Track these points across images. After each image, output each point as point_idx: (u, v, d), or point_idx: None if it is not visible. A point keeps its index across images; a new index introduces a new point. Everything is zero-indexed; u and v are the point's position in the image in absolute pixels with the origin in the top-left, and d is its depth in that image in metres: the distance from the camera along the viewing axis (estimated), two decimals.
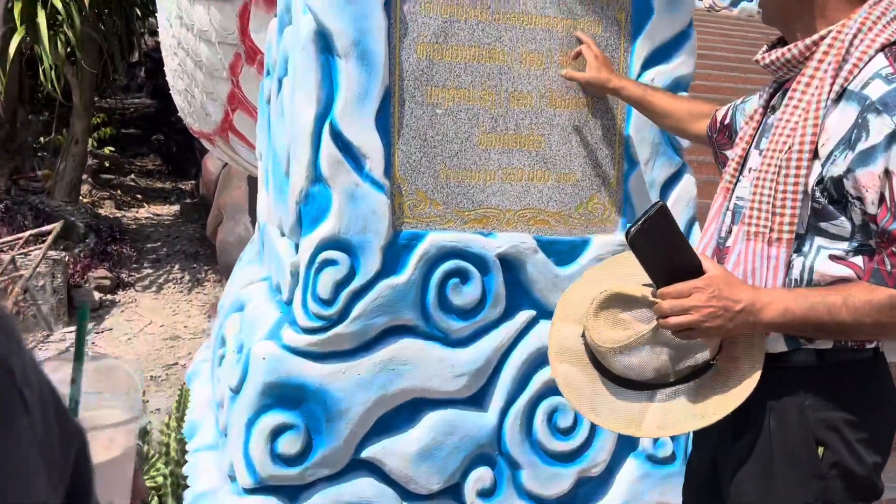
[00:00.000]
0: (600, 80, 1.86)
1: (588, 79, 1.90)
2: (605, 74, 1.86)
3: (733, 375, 1.29)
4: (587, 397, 1.39)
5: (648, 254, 1.23)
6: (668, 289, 1.20)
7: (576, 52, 1.97)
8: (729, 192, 1.39)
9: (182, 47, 2.91)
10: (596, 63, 1.88)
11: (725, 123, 1.55)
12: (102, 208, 7.13)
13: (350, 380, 1.89)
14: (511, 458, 2.04)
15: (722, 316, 1.17)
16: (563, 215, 2.05)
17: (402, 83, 1.88)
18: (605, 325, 1.35)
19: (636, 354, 1.32)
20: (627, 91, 1.81)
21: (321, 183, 1.85)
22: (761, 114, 1.38)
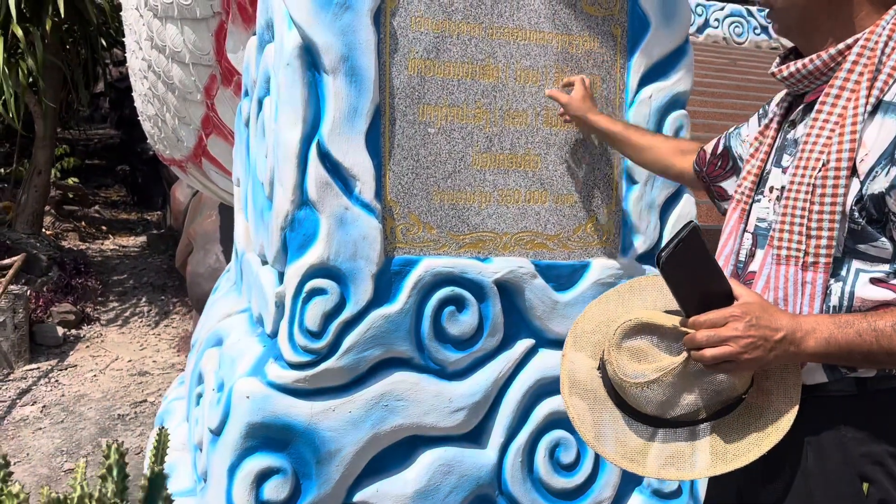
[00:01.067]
0: (581, 108, 1.80)
1: (569, 102, 1.82)
2: (587, 105, 1.81)
3: (767, 411, 1.19)
4: (610, 438, 1.28)
5: (680, 279, 1.13)
6: (701, 318, 1.10)
7: (568, 80, 1.91)
8: (745, 213, 1.31)
9: (153, 70, 2.78)
10: (583, 93, 1.83)
11: (718, 153, 1.48)
12: (66, 240, 6.89)
13: (341, 418, 1.76)
14: (512, 497, 1.91)
15: (761, 346, 1.07)
16: (561, 238, 1.96)
17: (392, 101, 1.78)
18: (629, 358, 1.23)
19: (663, 390, 1.21)
20: (604, 124, 1.75)
21: (308, 207, 1.74)
22: (776, 129, 1.30)
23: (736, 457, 1.17)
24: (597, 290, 1.96)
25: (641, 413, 1.26)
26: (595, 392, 1.31)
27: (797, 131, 1.24)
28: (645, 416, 1.26)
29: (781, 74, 1.24)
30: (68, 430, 3.92)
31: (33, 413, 4.10)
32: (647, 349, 1.23)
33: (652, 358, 1.22)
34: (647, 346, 1.23)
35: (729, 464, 1.16)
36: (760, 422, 1.18)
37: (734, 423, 1.19)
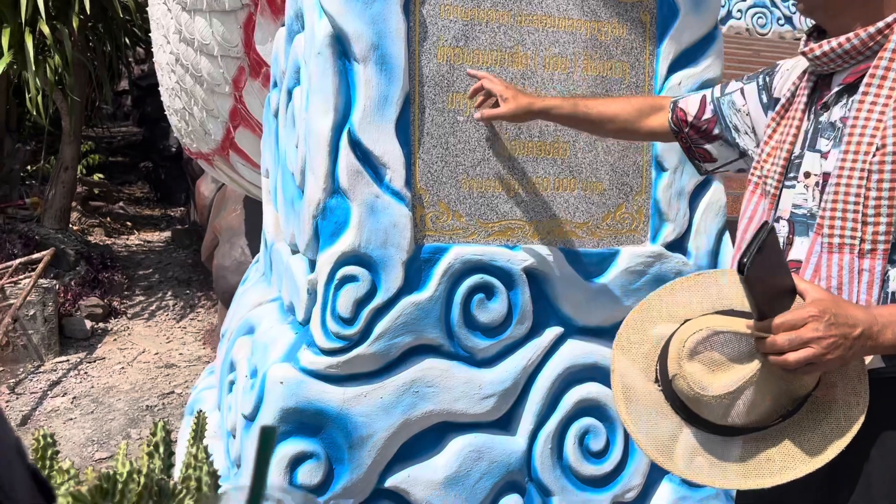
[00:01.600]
0: (522, 107, 1.61)
1: (511, 110, 1.62)
2: (524, 99, 1.62)
3: (835, 406, 1.14)
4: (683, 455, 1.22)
5: (758, 283, 1.07)
6: (779, 320, 1.04)
7: (474, 89, 1.74)
8: (775, 199, 1.28)
9: (181, 64, 2.81)
10: (509, 92, 1.63)
11: (704, 118, 1.43)
12: (92, 235, 6.98)
13: (373, 404, 1.77)
14: (542, 484, 1.92)
15: (842, 345, 1.03)
16: (590, 226, 1.96)
17: (422, 89, 1.79)
18: (704, 370, 1.16)
19: (742, 399, 1.15)
20: (557, 109, 1.59)
21: (339, 195, 1.75)
22: (803, 111, 1.27)
23: (814, 456, 1.13)
24: (626, 278, 1.96)
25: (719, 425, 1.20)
26: (657, 406, 1.24)
27: (833, 114, 1.21)
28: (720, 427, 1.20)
29: (814, 53, 1.20)
30: (98, 420, 3.98)
31: (64, 404, 4.17)
32: (718, 358, 1.17)
33: (726, 367, 1.14)
34: (719, 355, 1.16)
35: (808, 464, 1.13)
36: (831, 417, 1.13)
37: (804, 422, 1.15)
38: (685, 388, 1.16)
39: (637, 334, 1.28)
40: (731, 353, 1.14)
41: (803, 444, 1.13)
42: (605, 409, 1.97)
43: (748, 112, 1.39)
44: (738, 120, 1.40)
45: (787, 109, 1.27)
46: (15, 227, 5.77)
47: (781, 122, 1.28)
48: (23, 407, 4.11)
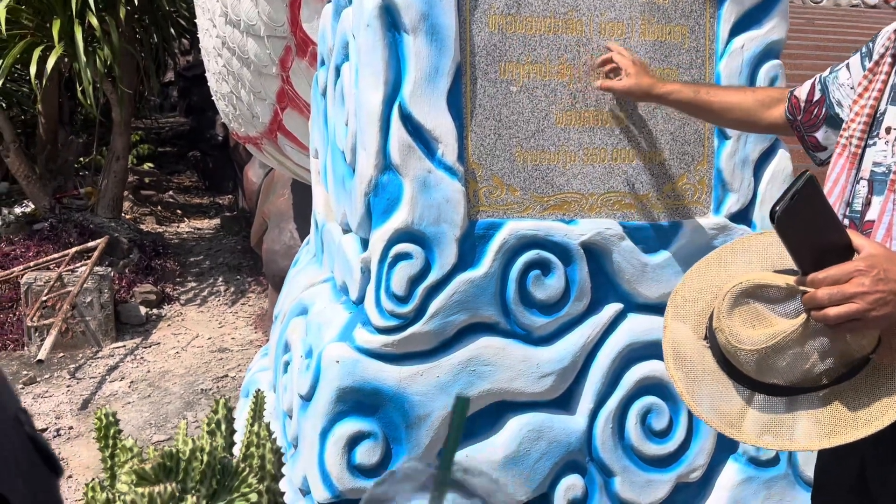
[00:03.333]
0: (642, 87, 1.62)
1: (629, 87, 1.64)
2: (647, 80, 1.62)
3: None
4: (727, 413, 1.21)
5: (796, 234, 1.04)
6: (821, 274, 1.02)
7: (602, 59, 1.75)
8: (857, 159, 1.22)
9: (227, 47, 2.80)
10: (634, 69, 1.64)
11: (814, 100, 1.38)
12: (144, 224, 7.12)
13: (429, 382, 1.74)
14: (603, 464, 1.87)
15: (892, 302, 0.99)
16: (649, 198, 1.89)
17: (473, 59, 1.74)
18: (743, 324, 1.15)
19: (782, 356, 1.12)
20: (677, 94, 1.58)
21: (391, 171, 1.72)
22: (890, 65, 1.20)
23: (868, 422, 1.09)
24: (688, 252, 1.88)
25: (759, 382, 1.18)
26: (703, 362, 1.24)
27: None
28: (761, 385, 1.18)
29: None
30: (155, 404, 4.05)
31: (122, 388, 4.26)
32: (761, 313, 1.14)
33: (767, 322, 1.14)
34: (761, 309, 1.14)
35: (860, 430, 1.09)
36: (893, 383, 1.10)
37: (861, 387, 1.11)
38: (723, 341, 1.16)
39: (691, 292, 1.28)
40: (776, 309, 1.12)
41: (857, 408, 1.10)
42: (668, 388, 1.90)
43: (852, 85, 1.31)
44: (841, 94, 1.33)
45: (877, 66, 1.20)
46: (70, 217, 5.91)
47: (872, 80, 1.21)
48: (83, 391, 4.21)
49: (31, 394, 4.21)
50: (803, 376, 1.13)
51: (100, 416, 1.09)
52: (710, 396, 1.21)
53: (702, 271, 1.29)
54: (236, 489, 0.91)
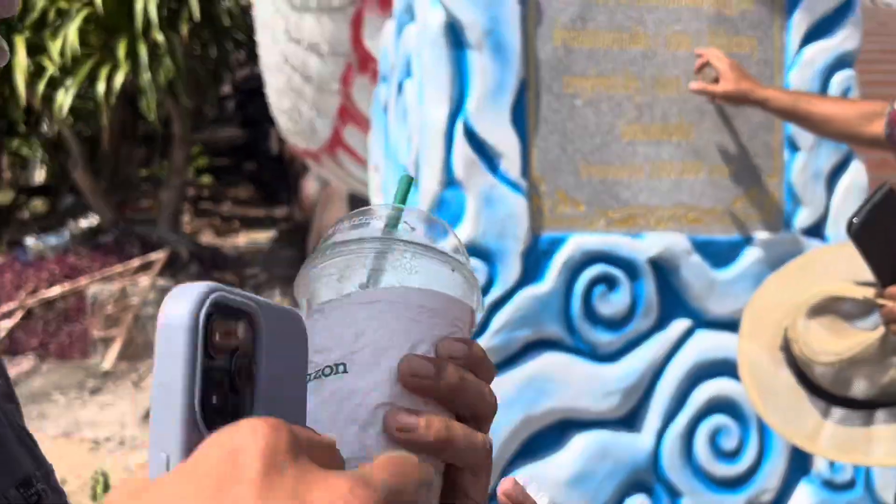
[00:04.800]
0: (741, 91, 1.58)
1: (726, 91, 1.60)
2: (745, 85, 1.59)
3: None
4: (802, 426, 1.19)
5: (874, 247, 1.03)
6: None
7: (700, 63, 1.71)
8: None
9: (289, 63, 2.86)
10: (732, 74, 1.60)
11: None
12: (203, 236, 7.29)
13: None
14: (670, 484, 1.83)
15: None
16: (718, 212, 1.85)
17: (537, 74, 1.73)
18: (819, 336, 1.14)
19: (859, 369, 1.11)
20: (775, 101, 1.55)
21: (455, 187, 1.72)
22: None
23: None
24: (758, 268, 1.83)
25: (835, 395, 1.16)
26: (778, 374, 1.23)
27: None
28: (838, 398, 1.16)
29: None
30: None
31: None
32: (838, 325, 1.13)
33: (844, 334, 1.13)
34: (838, 322, 1.13)
35: None
36: None
37: None
38: (798, 352, 1.15)
39: (769, 301, 1.27)
40: (853, 321, 1.11)
41: None
42: (738, 407, 1.85)
43: None
44: None
45: None
46: (132, 230, 6.09)
47: None
48: (146, 402, 4.32)
49: (97, 403, 4.34)
50: (882, 391, 1.11)
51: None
52: (785, 408, 1.20)
53: (780, 282, 1.27)
54: None
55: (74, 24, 5.24)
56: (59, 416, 4.14)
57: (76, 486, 3.42)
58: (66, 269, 5.45)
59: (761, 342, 1.24)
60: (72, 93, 5.41)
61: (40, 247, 5.88)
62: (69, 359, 4.94)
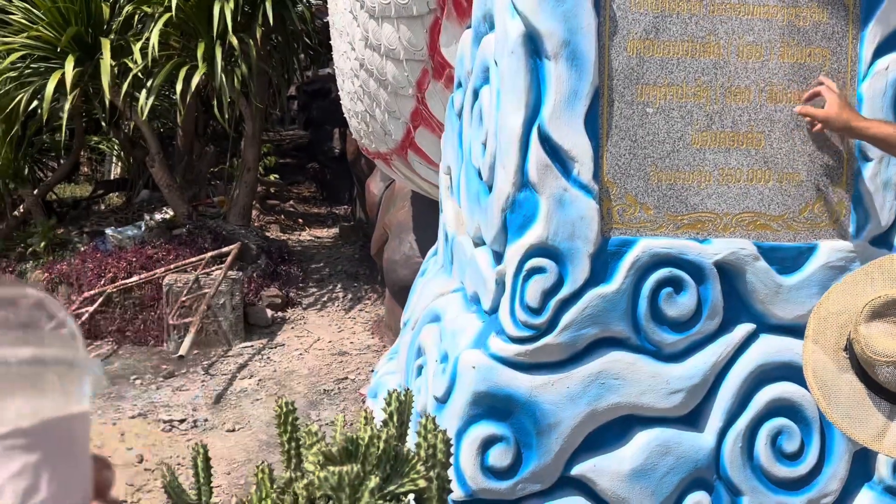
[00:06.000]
0: (841, 119, 1.75)
1: (828, 116, 1.77)
2: (847, 113, 1.75)
3: None
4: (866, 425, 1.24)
5: None
6: None
7: (812, 93, 1.85)
8: None
9: (365, 69, 2.98)
10: (838, 102, 1.76)
11: None
12: (269, 231, 7.53)
13: (559, 392, 1.81)
14: (731, 483, 1.88)
15: None
16: (786, 219, 1.89)
17: (611, 82, 1.81)
18: (881, 335, 1.20)
19: None
20: (875, 129, 1.70)
21: (528, 189, 1.81)
22: None
23: None
24: (825, 275, 1.87)
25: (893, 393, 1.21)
26: (842, 374, 1.28)
27: None
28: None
29: None
30: None
31: (251, 385, 4.55)
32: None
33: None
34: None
35: None
36: None
37: None
38: (859, 351, 1.21)
39: (836, 305, 1.32)
40: None
41: None
42: (801, 410, 1.89)
43: None
44: None
45: None
46: (205, 224, 6.34)
47: None
48: (216, 386, 4.53)
49: (171, 387, 4.56)
50: None
51: (280, 404, 1.23)
52: (849, 408, 1.25)
53: (846, 287, 1.32)
54: (406, 475, 1.01)
55: (156, 28, 5.49)
56: (136, 398, 4.37)
57: (153, 463, 3.63)
58: (143, 259, 5.71)
59: (826, 344, 1.30)
60: (152, 93, 5.67)
61: (119, 237, 6.18)
62: (144, 344, 5.19)
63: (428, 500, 1.02)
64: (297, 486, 1.04)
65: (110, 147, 9.31)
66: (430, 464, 1.03)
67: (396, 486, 1.02)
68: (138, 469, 3.54)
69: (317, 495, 1.04)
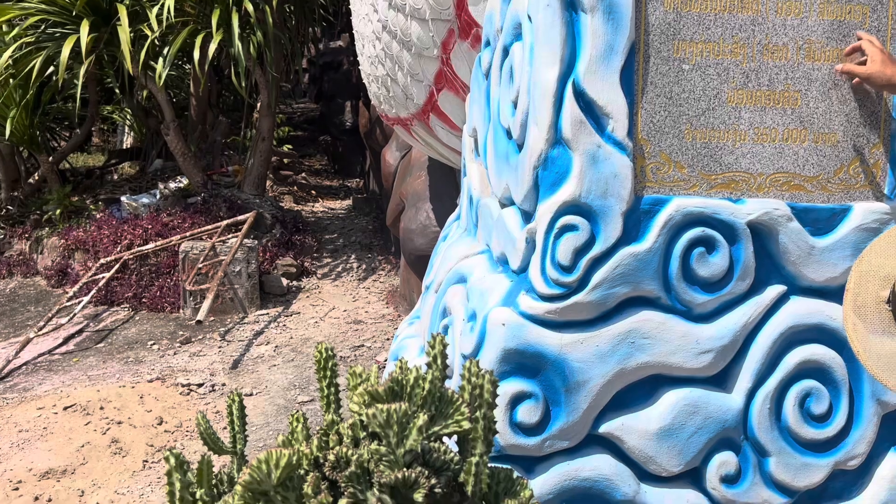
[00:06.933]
0: (886, 74, 1.71)
1: (870, 73, 1.74)
2: (891, 69, 1.71)
3: None
4: None
5: None
6: None
7: (852, 48, 1.81)
8: None
9: (388, 31, 2.95)
10: (881, 57, 1.73)
11: None
12: (283, 202, 7.53)
13: (589, 351, 1.81)
14: (758, 443, 1.88)
15: None
16: (820, 180, 1.87)
17: (647, 38, 1.78)
18: None
19: None
20: None
21: (561, 145, 1.79)
22: None
23: None
24: (859, 236, 1.85)
25: None
26: (883, 323, 1.28)
27: None
28: None
29: None
30: (298, 367, 4.33)
31: (268, 352, 4.57)
32: None
33: None
34: None
35: None
36: None
37: None
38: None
39: (879, 258, 1.31)
40: None
41: None
42: (830, 373, 1.88)
43: None
44: None
45: None
46: (220, 193, 6.34)
47: None
48: (233, 353, 4.55)
49: (188, 352, 4.59)
50: None
51: (320, 349, 1.23)
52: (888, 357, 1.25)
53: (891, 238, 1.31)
54: (451, 416, 1.01)
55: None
56: (154, 363, 4.40)
57: (172, 425, 3.66)
58: (159, 226, 5.73)
59: (867, 294, 1.29)
60: (169, 61, 5.64)
61: (134, 205, 6.20)
62: (161, 310, 5.22)
63: (474, 441, 1.02)
64: (343, 426, 1.04)
65: (122, 117, 9.30)
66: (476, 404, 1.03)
67: (442, 427, 1.02)
68: (158, 430, 3.58)
69: (361, 435, 1.04)
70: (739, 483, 1.88)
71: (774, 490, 1.89)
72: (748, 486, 1.88)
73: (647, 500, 1.84)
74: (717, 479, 1.87)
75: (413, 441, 0.95)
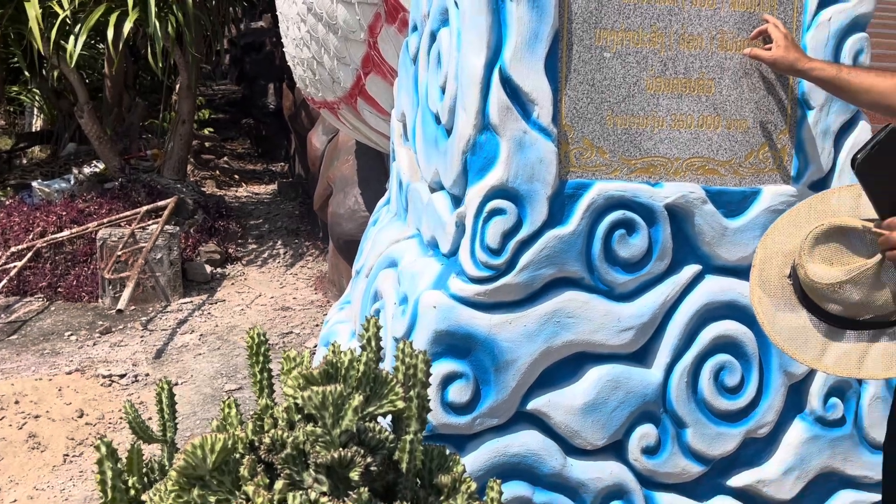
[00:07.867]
0: (788, 60, 1.79)
1: (775, 58, 1.81)
2: (793, 54, 1.79)
3: None
4: (805, 345, 1.33)
5: (875, 182, 1.17)
6: None
7: (759, 31, 1.90)
8: None
9: (313, 13, 2.92)
10: (784, 42, 1.81)
11: None
12: (205, 187, 7.34)
13: (517, 331, 1.86)
14: (676, 415, 1.97)
15: None
16: (732, 164, 1.97)
17: (570, 26, 1.83)
18: (822, 262, 1.29)
19: (857, 292, 1.26)
20: (819, 71, 1.74)
21: (489, 131, 1.82)
22: None
23: None
24: (767, 217, 1.96)
25: (833, 315, 1.31)
26: (786, 298, 1.37)
27: None
28: (835, 318, 1.30)
29: None
30: (225, 356, 4.26)
31: (192, 340, 4.48)
32: (839, 253, 1.28)
33: (844, 261, 1.27)
34: (839, 249, 1.28)
35: None
36: None
37: None
38: (803, 276, 1.30)
39: (781, 235, 1.40)
40: (854, 249, 1.26)
41: None
42: (741, 347, 1.99)
43: None
44: None
45: None
46: (138, 178, 6.14)
47: None
48: (156, 342, 4.44)
49: (108, 343, 4.45)
50: (876, 312, 1.25)
51: (252, 335, 1.23)
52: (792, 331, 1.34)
53: (792, 216, 1.40)
54: (385, 396, 1.04)
55: None
56: (73, 354, 4.25)
57: (94, 417, 3.55)
58: (74, 213, 5.50)
59: (771, 270, 1.38)
60: (82, 40, 5.40)
61: (46, 191, 5.93)
62: (78, 300, 5.03)
63: (408, 419, 1.05)
64: (277, 409, 1.05)
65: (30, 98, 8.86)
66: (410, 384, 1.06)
67: (377, 407, 1.04)
68: (78, 423, 3.47)
69: (296, 418, 1.05)
70: (659, 454, 1.98)
71: (692, 459, 1.99)
72: (667, 457, 1.98)
73: (573, 473, 1.92)
74: (638, 450, 1.96)
75: (349, 422, 0.97)
